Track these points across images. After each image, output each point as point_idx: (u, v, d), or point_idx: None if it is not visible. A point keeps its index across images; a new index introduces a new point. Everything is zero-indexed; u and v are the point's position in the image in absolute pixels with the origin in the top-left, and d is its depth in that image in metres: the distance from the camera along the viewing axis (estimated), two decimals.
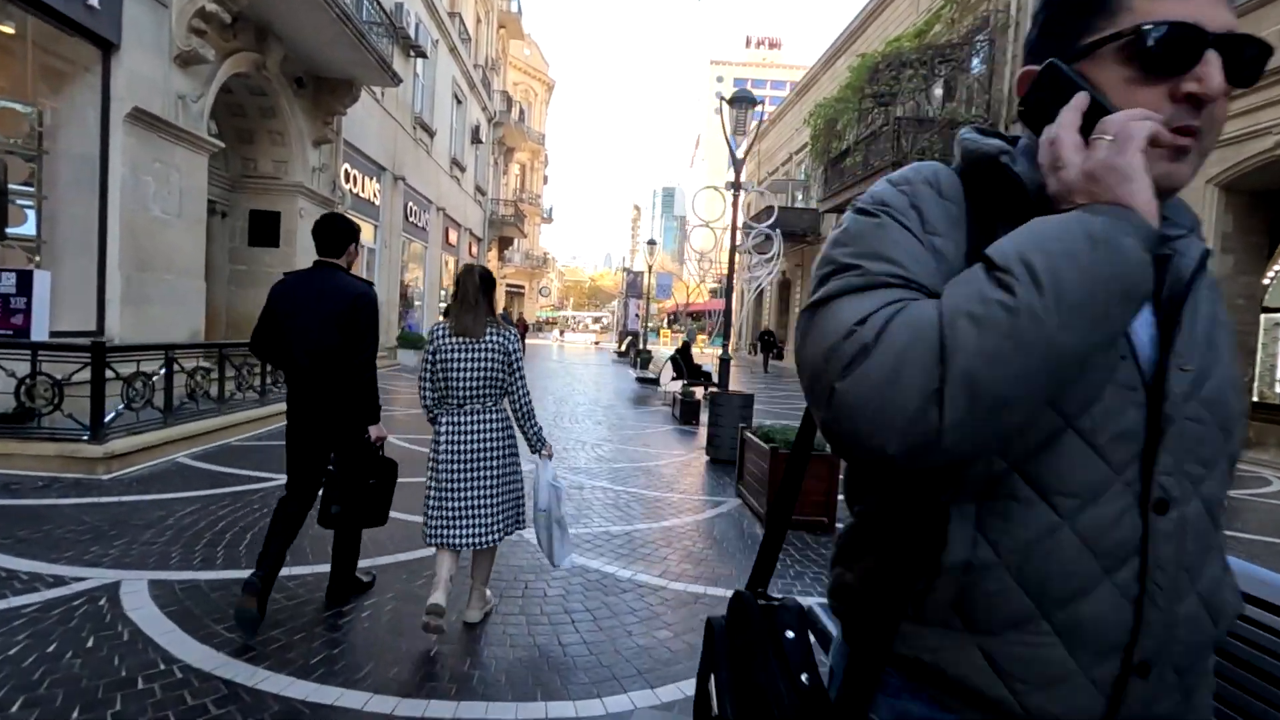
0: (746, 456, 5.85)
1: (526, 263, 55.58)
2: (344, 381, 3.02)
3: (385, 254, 16.91)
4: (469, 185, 26.36)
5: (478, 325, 2.99)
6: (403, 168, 17.56)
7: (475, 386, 2.99)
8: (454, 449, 2.99)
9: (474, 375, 2.98)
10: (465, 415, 3.00)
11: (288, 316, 3.01)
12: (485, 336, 2.99)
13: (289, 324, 3.01)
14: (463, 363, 2.97)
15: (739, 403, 7.44)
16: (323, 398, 3.02)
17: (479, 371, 2.98)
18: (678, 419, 10.59)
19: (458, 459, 2.98)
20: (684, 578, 3.98)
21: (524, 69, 53.58)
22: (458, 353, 2.97)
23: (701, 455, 7.87)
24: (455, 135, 24.39)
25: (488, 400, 3.03)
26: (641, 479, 6.54)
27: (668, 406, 12.35)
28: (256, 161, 11.73)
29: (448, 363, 2.98)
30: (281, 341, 3.04)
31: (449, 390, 3.00)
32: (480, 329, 2.98)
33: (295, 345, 3.01)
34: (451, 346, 2.98)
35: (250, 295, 11.84)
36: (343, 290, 3.03)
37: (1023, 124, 0.86)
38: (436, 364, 3.01)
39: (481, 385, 2.99)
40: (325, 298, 3.00)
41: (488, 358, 2.98)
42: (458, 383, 2.98)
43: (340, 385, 3.03)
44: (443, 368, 2.99)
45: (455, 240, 24.76)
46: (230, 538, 4.13)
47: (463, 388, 2.99)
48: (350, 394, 3.06)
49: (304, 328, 2.99)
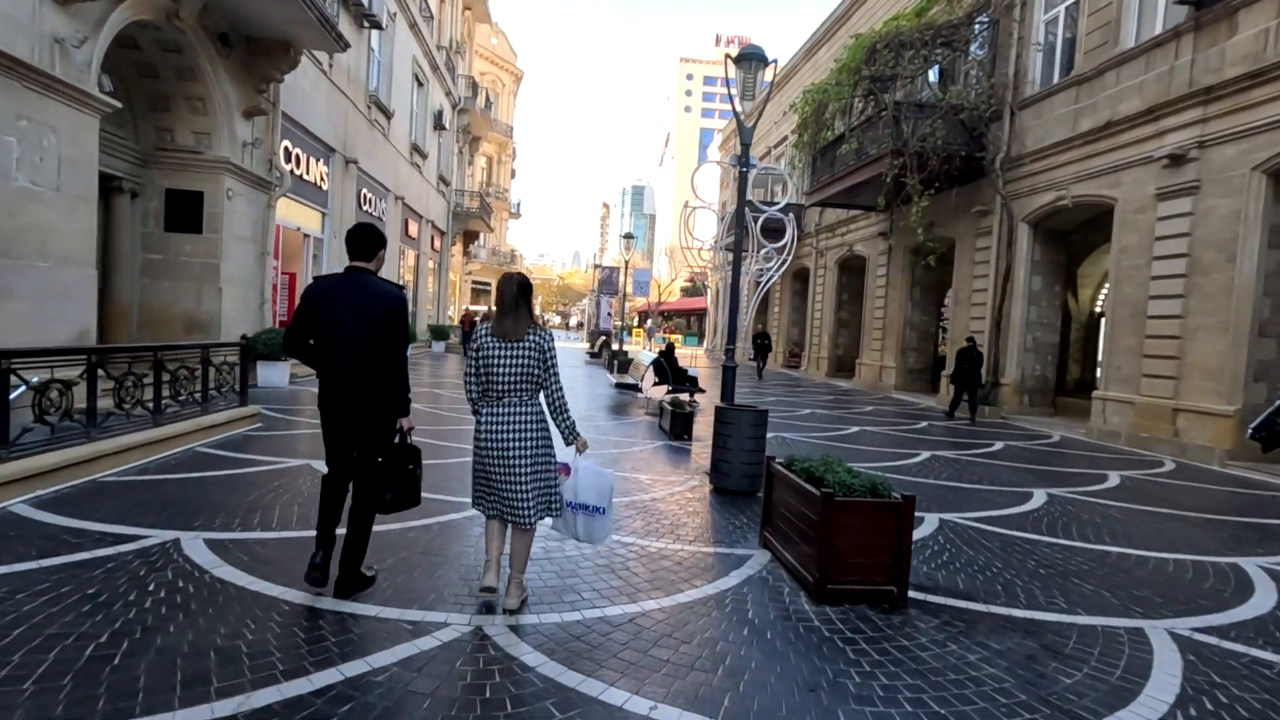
0: (777, 496, 4.54)
1: (493, 259, 53.71)
2: (380, 377, 3.25)
3: (334, 245, 15.23)
4: (431, 174, 24.65)
5: (518, 327, 3.27)
6: (356, 150, 15.89)
7: (513, 381, 3.27)
8: (492, 437, 3.28)
9: (513, 372, 3.26)
10: (503, 407, 3.29)
11: (326, 318, 3.21)
12: (524, 338, 3.27)
13: (327, 325, 3.21)
14: (502, 361, 3.26)
15: (750, 421, 6.13)
16: (360, 393, 3.24)
17: (517, 368, 3.26)
18: (666, 432, 9.26)
19: (495, 446, 3.27)
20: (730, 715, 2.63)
21: (491, 58, 51.71)
22: (498, 352, 3.26)
23: (703, 483, 6.54)
24: (416, 120, 22.70)
25: (524, 394, 3.30)
26: (638, 520, 5.18)
27: (652, 416, 11.00)
28: (173, 132, 10.04)
29: (489, 361, 3.27)
30: (320, 339, 3.23)
31: (490, 385, 3.29)
32: (520, 331, 3.27)
33: (335, 344, 3.20)
34: (491, 346, 3.27)
35: (168, 290, 10.17)
36: (379, 293, 3.25)
37: None
38: (480, 361, 3.29)
39: (519, 380, 3.27)
40: (362, 300, 3.21)
41: (526, 356, 3.27)
42: (498, 378, 3.27)
43: (375, 381, 3.24)
44: (485, 365, 3.28)
45: (416, 233, 23.05)
46: (27, 669, 2.65)
47: (502, 383, 3.27)
48: (385, 389, 3.28)
49: (343, 328, 3.19)
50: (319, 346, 3.24)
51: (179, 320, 10.17)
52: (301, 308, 3.25)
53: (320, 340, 3.23)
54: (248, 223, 11.06)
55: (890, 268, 18.92)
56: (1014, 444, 10.44)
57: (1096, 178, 11.75)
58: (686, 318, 63.59)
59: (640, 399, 13.05)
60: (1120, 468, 8.71)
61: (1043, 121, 13.10)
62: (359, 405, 3.26)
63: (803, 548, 4.02)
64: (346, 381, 3.22)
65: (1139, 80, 10.86)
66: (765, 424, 6.26)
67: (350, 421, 3.29)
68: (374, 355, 3.21)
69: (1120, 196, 11.25)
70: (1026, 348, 13.77)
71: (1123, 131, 11.11)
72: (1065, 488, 7.35)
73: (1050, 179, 12.81)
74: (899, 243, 18.33)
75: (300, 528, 4.44)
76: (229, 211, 10.44)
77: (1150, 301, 10.47)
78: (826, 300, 23.58)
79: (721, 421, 6.25)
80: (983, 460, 8.87)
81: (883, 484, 3.91)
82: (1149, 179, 10.65)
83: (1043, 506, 6.41)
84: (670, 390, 12.56)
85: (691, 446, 8.60)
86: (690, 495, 6.11)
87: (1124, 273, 11.21)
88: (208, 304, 10.29)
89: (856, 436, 10.34)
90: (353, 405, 3.26)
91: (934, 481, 7.31)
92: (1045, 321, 13.89)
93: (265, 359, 11.10)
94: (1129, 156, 11.03)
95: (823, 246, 23.78)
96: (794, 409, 13.38)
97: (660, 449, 8.31)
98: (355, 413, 3.27)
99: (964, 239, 15.55)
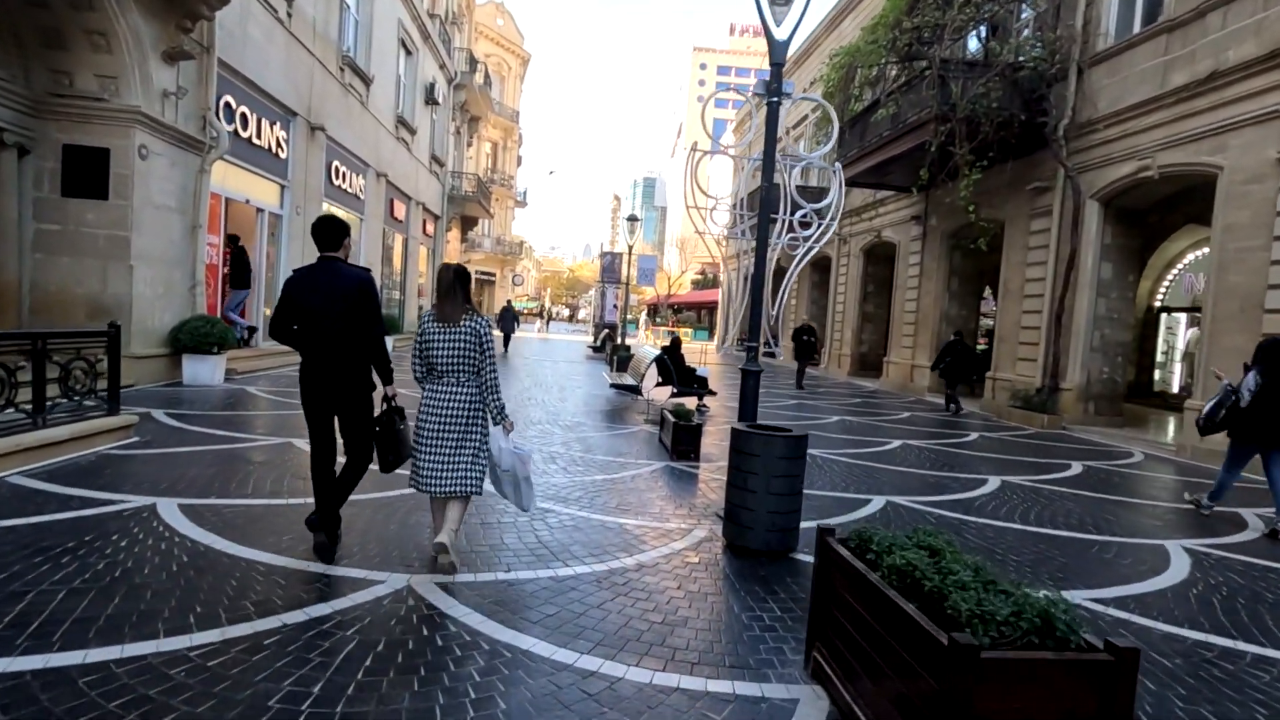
0: (840, 598, 2.67)
1: (498, 248, 51.93)
2: (359, 351, 3.67)
3: (298, 222, 13.43)
4: (422, 153, 22.82)
5: (455, 312, 3.59)
6: (323, 116, 14.07)
7: (453, 362, 3.59)
8: (430, 413, 3.62)
9: (452, 353, 3.58)
10: (444, 386, 3.63)
11: (305, 302, 3.61)
12: (461, 323, 3.59)
13: (308, 308, 3.61)
14: (442, 343, 3.58)
15: (782, 452, 4.25)
16: (337, 366, 3.63)
17: (456, 350, 3.58)
18: (668, 448, 7.40)
19: (432, 421, 3.62)
20: None
21: (497, 39, 49.81)
22: (438, 335, 3.59)
23: (713, 535, 4.69)
24: (404, 92, 20.85)
25: (462, 375, 3.63)
26: (611, 611, 3.33)
27: (653, 425, 9.14)
28: (71, 76, 8.24)
29: (430, 343, 3.60)
30: (301, 323, 3.63)
31: (432, 365, 3.62)
32: (456, 315, 3.59)
33: (313, 324, 3.61)
34: (434, 330, 3.60)
35: (66, 268, 8.41)
36: (347, 276, 3.65)
37: None
38: (422, 343, 3.63)
39: (457, 361, 3.59)
40: (333, 284, 3.61)
41: (464, 340, 3.58)
42: (438, 359, 3.59)
43: (351, 355, 3.65)
44: (427, 347, 3.61)
45: (403, 215, 21.24)
46: None
47: (442, 363, 3.60)
48: (364, 361, 3.71)
49: (321, 310, 3.59)
50: (301, 329, 3.61)
51: (81, 304, 8.41)
52: (283, 295, 3.61)
53: (302, 323, 3.60)
54: (171, 189, 9.26)
55: (925, 255, 16.92)
56: (1093, 465, 8.50)
57: (1193, 142, 9.73)
58: (697, 311, 61.57)
59: (640, 403, 11.19)
60: (1259, 504, 6.76)
61: (1120, 79, 11.07)
62: (338, 377, 3.62)
63: (879, 696, 2.16)
64: (326, 356, 3.59)
65: (1256, 19, 8.82)
66: (803, 454, 4.40)
67: (331, 394, 3.64)
68: (348, 331, 3.59)
69: (1226, 164, 9.22)
70: (1093, 347, 11.78)
71: (1231, 84, 9.09)
72: (1204, 538, 5.43)
73: (1129, 147, 10.78)
74: (936, 227, 16.33)
75: None
76: (143, 174, 8.65)
77: (1269, 292, 8.47)
78: (850, 292, 21.59)
79: (741, 451, 4.39)
80: (1067, 490, 6.96)
81: (1063, 614, 2.02)
82: (1267, 141, 8.64)
83: (1188, 576, 4.51)
84: (675, 393, 10.70)
85: (699, 470, 6.74)
86: (694, 559, 4.24)
87: (1229, 257, 9.20)
88: (115, 285, 8.51)
89: (899, 455, 8.44)
90: (332, 378, 3.61)
91: (1021, 526, 5.42)
92: (1115, 316, 11.88)
93: (193, 352, 9.33)
94: (1239, 115, 9.01)
95: (846, 232, 21.76)
96: (818, 416, 11.47)
97: (659, 475, 6.45)
98: (335, 385, 3.63)
99: (1015, 222, 13.54)
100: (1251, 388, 5.69)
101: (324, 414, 3.71)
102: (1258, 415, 5.68)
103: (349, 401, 3.71)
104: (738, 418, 5.12)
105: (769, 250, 5.34)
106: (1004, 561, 4.54)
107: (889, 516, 5.48)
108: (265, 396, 9.18)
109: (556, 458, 6.82)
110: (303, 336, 3.62)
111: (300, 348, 3.65)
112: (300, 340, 3.63)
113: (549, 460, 6.65)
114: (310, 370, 3.64)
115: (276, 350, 12.19)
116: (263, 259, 12.55)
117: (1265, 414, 5.65)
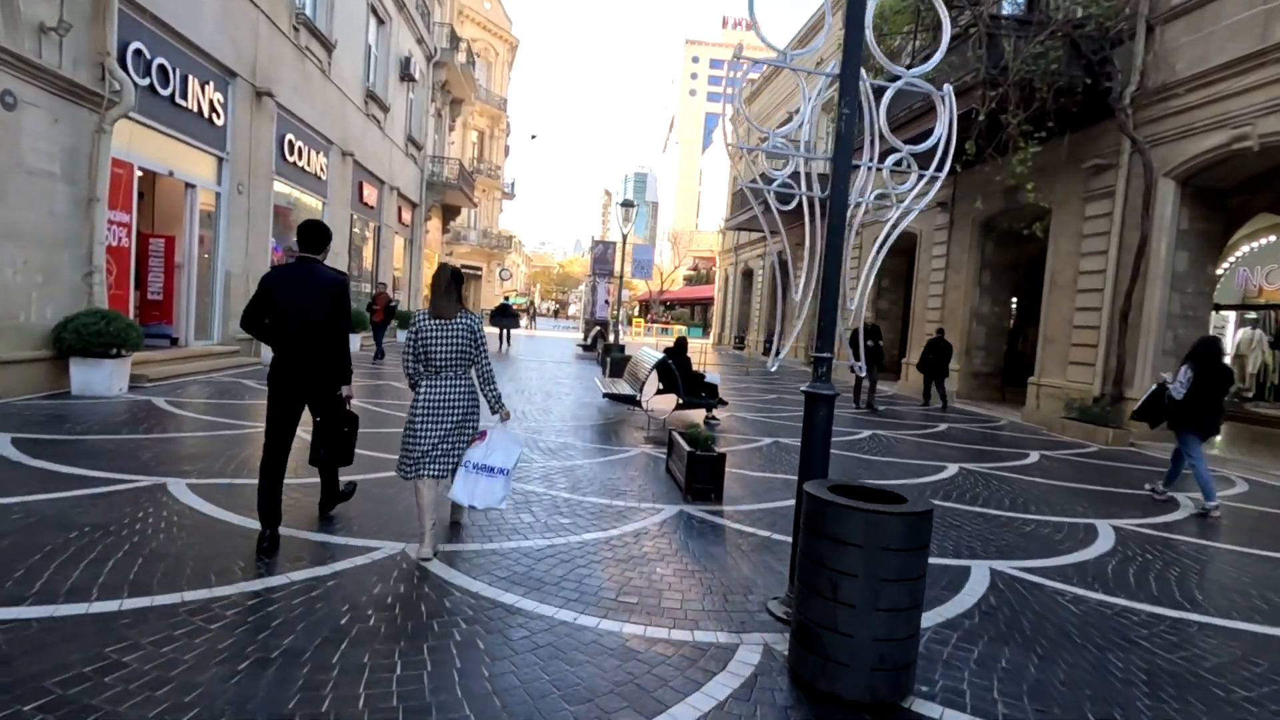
0: None
1: (485, 241, 49.95)
2: (326, 348, 3.83)
3: (240, 203, 11.57)
4: (396, 133, 20.91)
5: (450, 309, 3.80)
6: (272, 80, 12.19)
7: (449, 357, 3.79)
8: (430, 405, 3.81)
9: (448, 348, 3.78)
10: (441, 380, 3.83)
11: (283, 299, 3.73)
12: (455, 318, 3.80)
13: (284, 305, 3.73)
14: (439, 339, 3.77)
15: (900, 538, 2.52)
16: (307, 361, 3.79)
17: (452, 345, 3.78)
18: (679, 484, 5.67)
19: (432, 413, 3.81)
20: None
21: (483, 24, 47.73)
22: (434, 331, 3.78)
23: (768, 662, 2.94)
24: (376, 64, 18.97)
25: (459, 369, 3.85)
26: None
27: (656, 447, 7.40)
28: None
29: (427, 339, 3.78)
30: (276, 318, 3.74)
31: (429, 360, 3.80)
32: (453, 311, 3.80)
33: (289, 321, 3.73)
34: (430, 326, 3.79)
35: None
36: (324, 278, 3.85)
37: None
38: (419, 340, 3.81)
39: (454, 356, 3.80)
40: (311, 284, 3.79)
41: (459, 335, 3.79)
42: (435, 354, 3.78)
43: (321, 351, 3.82)
44: (423, 343, 3.79)
45: (375, 200, 19.36)
46: None
47: (440, 358, 3.79)
48: (330, 358, 3.86)
49: (296, 307, 3.73)
50: (274, 324, 3.76)
51: None
52: (260, 291, 3.74)
53: (275, 318, 3.75)
54: (53, 151, 7.40)
55: (951, 246, 15.25)
56: (1199, 499, 6.83)
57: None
58: (690, 307, 59.87)
59: (638, 415, 9.45)
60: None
61: (1203, 36, 9.40)
62: (308, 372, 3.80)
63: None
64: (298, 351, 3.76)
65: None
66: (927, 543, 2.66)
67: (301, 387, 3.80)
68: (321, 329, 3.80)
69: None
70: (1165, 349, 10.13)
71: None
72: None
73: (1218, 114, 9.12)
74: (965, 213, 14.66)
75: None
76: (9, 128, 6.79)
77: None
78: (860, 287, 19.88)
79: (824, 534, 2.64)
80: (1208, 543, 5.28)
81: None
82: None
83: None
84: (681, 404, 8.96)
85: (724, 518, 5.00)
86: (741, 713, 2.50)
87: None
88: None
89: (961, 485, 6.73)
90: (303, 372, 3.78)
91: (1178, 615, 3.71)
92: (1191, 314, 10.23)
93: (83, 355, 7.49)
94: None
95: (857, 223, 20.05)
96: (849, 430, 9.77)
97: (672, 530, 4.69)
98: (305, 378, 3.80)
99: (1065, 205, 11.88)
100: (1184, 382, 6.19)
101: (292, 407, 3.82)
102: (1192, 406, 6.20)
103: (323, 393, 3.92)
104: (801, 467, 3.36)
105: (851, 212, 3.59)
106: None
107: (998, 609, 3.75)
108: (176, 413, 7.34)
109: (533, 502, 5.05)
110: (278, 332, 3.76)
111: (274, 343, 3.79)
112: (275, 336, 3.77)
113: (522, 507, 4.88)
114: (284, 365, 3.78)
115: (204, 352, 10.35)
116: (191, 243, 10.68)
117: (1197, 405, 6.18)
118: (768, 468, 6.95)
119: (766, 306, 28.79)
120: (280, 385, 3.77)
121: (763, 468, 6.93)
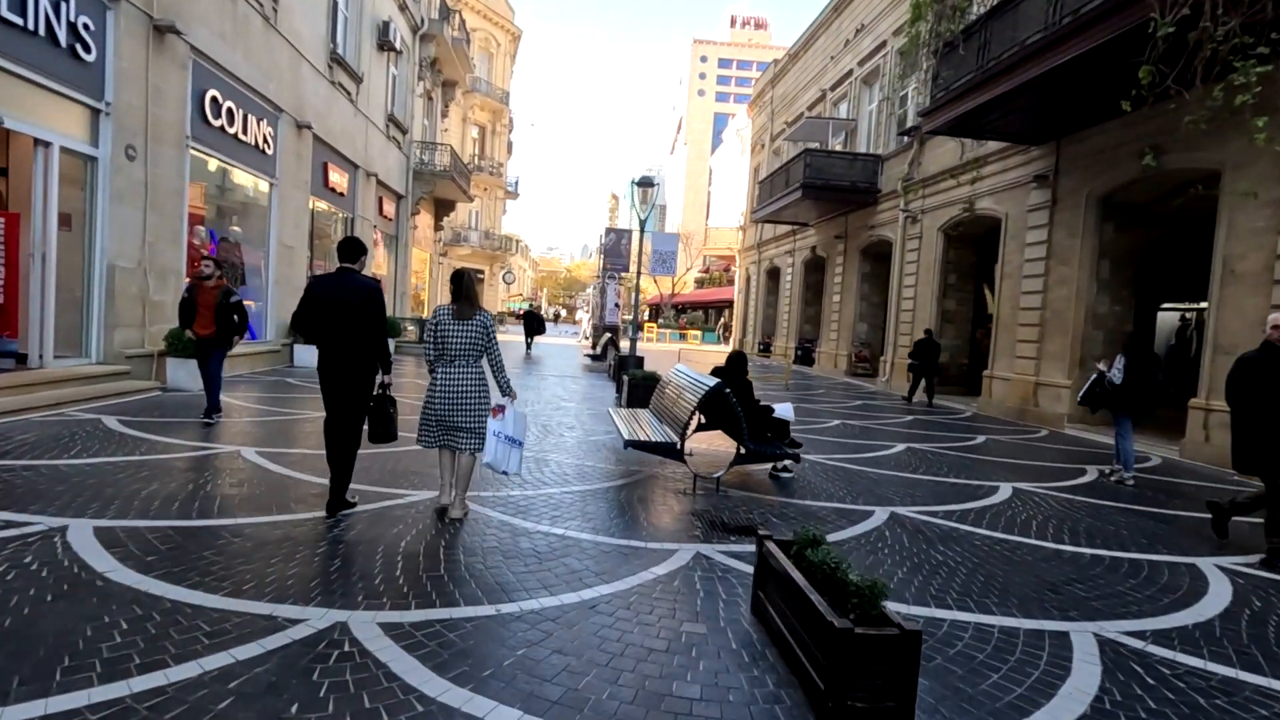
0: None
1: (487, 243, 47.08)
2: (363, 344, 4.44)
3: (135, 171, 8.61)
4: (373, 111, 17.98)
5: (470, 310, 4.57)
6: (185, 17, 9.27)
7: (463, 349, 4.53)
8: (446, 389, 4.54)
9: (463, 342, 4.52)
10: (455, 368, 4.56)
11: (325, 305, 4.37)
12: (473, 318, 4.56)
13: (328, 308, 4.37)
14: (456, 334, 4.52)
15: None
16: (348, 356, 4.43)
17: (467, 340, 4.53)
18: (801, 670, 2.60)
19: (448, 395, 4.53)
20: None
21: (484, 13, 44.90)
22: (453, 327, 4.52)
23: None
24: (347, 26, 16.10)
25: (471, 359, 4.58)
26: None
27: (718, 545, 4.34)
28: None
29: (446, 333, 4.52)
30: (319, 320, 4.38)
31: (445, 351, 4.55)
32: (471, 313, 4.56)
33: (332, 323, 4.38)
34: (450, 323, 4.53)
35: None
36: (361, 286, 4.46)
37: None
38: (438, 334, 4.55)
39: (467, 349, 4.54)
40: (350, 291, 4.41)
41: (475, 331, 4.55)
42: (452, 346, 4.53)
43: (359, 347, 4.43)
44: (442, 336, 4.53)
45: (345, 188, 16.42)
46: None
47: (454, 349, 4.53)
48: (367, 353, 4.47)
49: (338, 311, 4.37)
50: (319, 326, 4.38)
51: None
52: (308, 297, 4.42)
53: (320, 321, 4.38)
54: None
55: (1054, 232, 12.12)
56: None
57: None
58: (704, 310, 56.71)
59: (670, 467, 6.41)
60: None
61: None
62: (348, 367, 4.43)
63: None
64: (339, 347, 4.40)
65: None
66: None
67: (343, 379, 4.45)
68: (359, 330, 4.40)
69: None
70: None
71: None
72: None
73: None
74: (1075, 189, 11.55)
75: None
76: None
77: None
78: (923, 283, 16.78)
79: None
80: None
81: None
82: None
83: None
84: (742, 455, 5.93)
85: None
86: None
87: None
88: None
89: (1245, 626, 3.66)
90: (343, 367, 4.42)
91: None
92: None
93: None
94: None
95: (917, 207, 16.98)
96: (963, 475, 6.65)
97: None
98: (346, 372, 4.44)
99: (1242, 170, 8.76)
100: (1120, 369, 7.12)
101: (339, 394, 4.47)
102: (1127, 392, 7.09)
103: (352, 387, 4.48)
104: None
105: None
106: None
107: None
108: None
109: None
110: (321, 332, 4.38)
111: (320, 342, 4.42)
112: (319, 336, 4.40)
113: None
114: (328, 360, 4.43)
115: (69, 375, 7.38)
116: (48, 224, 7.69)
117: (1132, 391, 7.07)
118: (923, 584, 3.87)
119: (798, 309, 25.64)
120: (327, 377, 4.48)
121: (911, 584, 3.84)
